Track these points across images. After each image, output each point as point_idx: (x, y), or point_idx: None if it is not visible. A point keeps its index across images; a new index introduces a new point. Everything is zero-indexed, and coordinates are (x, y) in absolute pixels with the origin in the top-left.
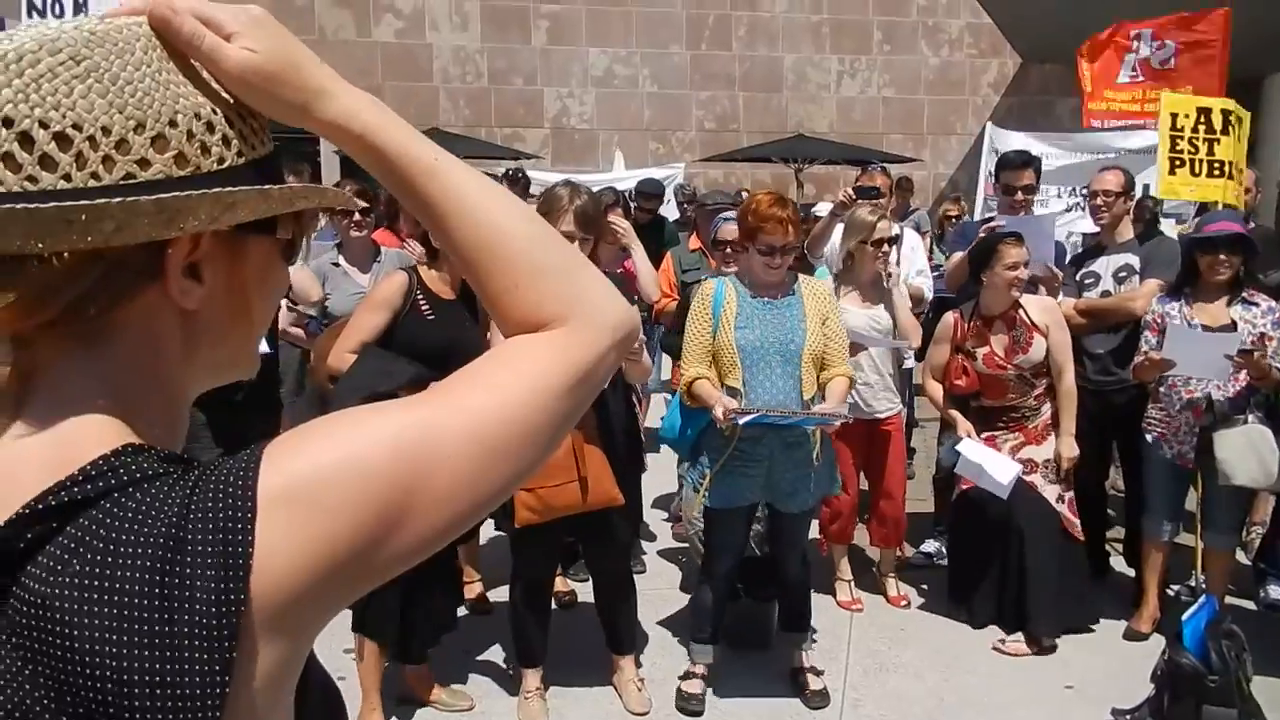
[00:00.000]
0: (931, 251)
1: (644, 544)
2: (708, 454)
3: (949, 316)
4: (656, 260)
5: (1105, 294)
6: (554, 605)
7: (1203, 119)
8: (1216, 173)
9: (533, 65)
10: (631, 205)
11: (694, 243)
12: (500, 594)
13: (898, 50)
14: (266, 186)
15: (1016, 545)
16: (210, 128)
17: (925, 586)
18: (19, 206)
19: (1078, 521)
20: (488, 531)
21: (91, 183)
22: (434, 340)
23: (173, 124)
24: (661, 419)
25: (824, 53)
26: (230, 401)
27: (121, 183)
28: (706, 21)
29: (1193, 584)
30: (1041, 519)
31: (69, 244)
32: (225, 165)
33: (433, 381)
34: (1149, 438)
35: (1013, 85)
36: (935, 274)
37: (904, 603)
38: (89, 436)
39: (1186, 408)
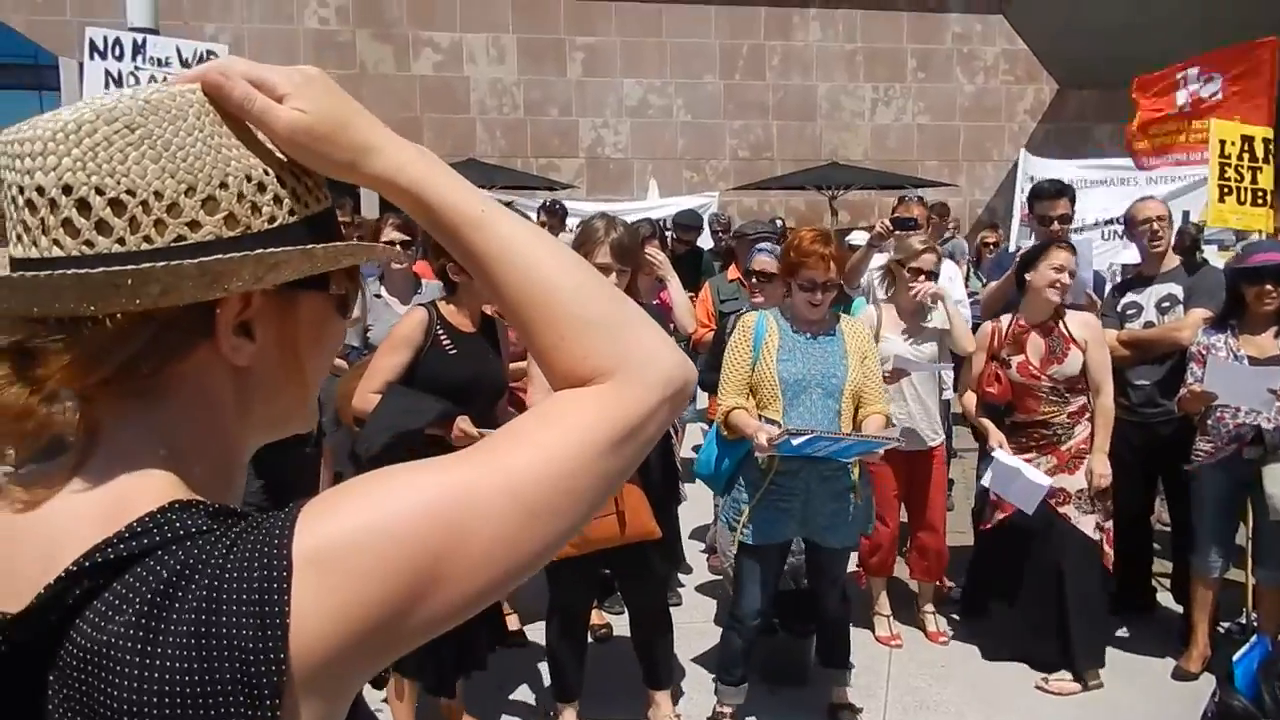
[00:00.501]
0: (968, 279)
1: (680, 576)
2: (745, 487)
3: (987, 325)
4: (694, 291)
5: (1148, 324)
6: (590, 639)
7: (1247, 147)
8: (1260, 201)
9: (568, 96)
10: (668, 236)
11: (732, 273)
12: (535, 628)
13: (932, 78)
14: (310, 246)
15: (1053, 580)
16: (261, 188)
17: (965, 622)
18: (70, 272)
19: (1111, 553)
20: None
21: (144, 245)
22: (457, 375)
23: (223, 186)
24: (695, 449)
25: (858, 81)
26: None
27: (172, 244)
28: (740, 52)
29: (1244, 621)
30: (1080, 551)
31: (119, 306)
32: (276, 224)
33: (460, 416)
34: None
35: (1050, 111)
36: (972, 300)
37: (943, 639)
38: (140, 491)
39: (1234, 440)
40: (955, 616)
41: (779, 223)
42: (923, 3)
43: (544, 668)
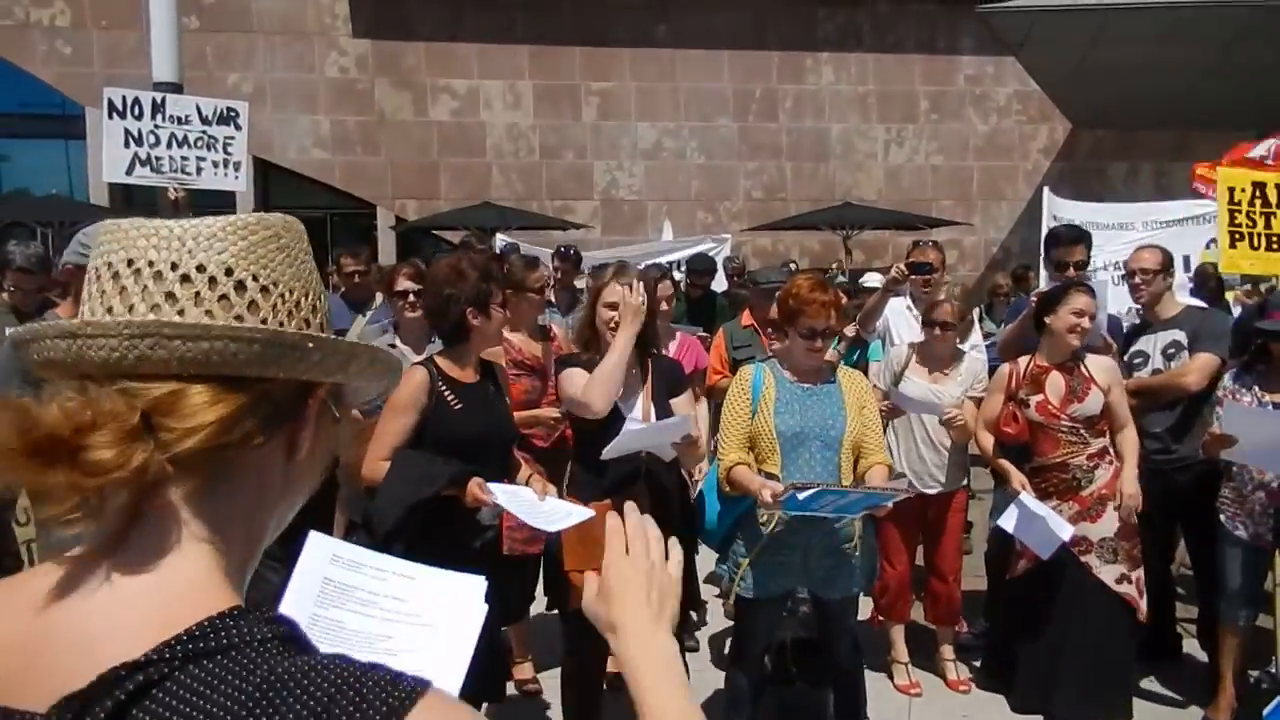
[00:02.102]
0: (982, 320)
1: (697, 622)
2: (743, 542)
3: (1004, 367)
4: (708, 334)
5: (1156, 372)
6: (604, 687)
7: (1258, 193)
8: (1275, 246)
9: (583, 140)
10: (681, 281)
11: (746, 318)
12: (549, 676)
13: (945, 118)
14: (388, 354)
15: (1076, 630)
16: (329, 312)
17: (988, 670)
18: (268, 329)
19: (1144, 603)
20: (538, 610)
21: (279, 329)
22: (466, 430)
23: (320, 300)
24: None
25: (870, 122)
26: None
27: (295, 332)
28: (753, 95)
29: (1273, 670)
30: (1102, 601)
31: (284, 369)
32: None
33: (473, 477)
34: (1223, 518)
35: (1063, 150)
36: (987, 343)
37: (964, 687)
38: (187, 580)
39: (1259, 488)
40: (976, 663)
41: (793, 266)
42: (934, 45)
43: (558, 716)
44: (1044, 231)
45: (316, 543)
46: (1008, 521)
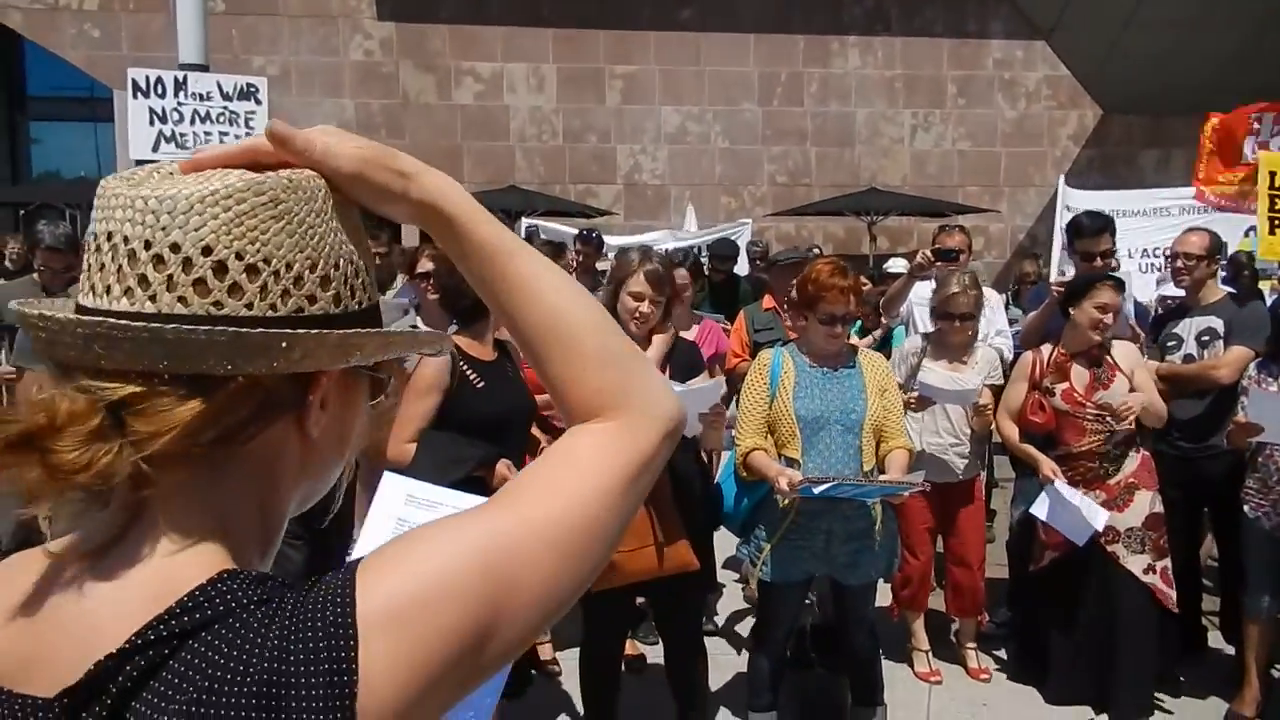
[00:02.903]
0: (1008, 307)
1: (715, 605)
2: (764, 527)
3: (1027, 355)
4: (731, 320)
5: (1188, 357)
6: (623, 668)
7: None
8: None
9: (606, 124)
10: (704, 264)
11: (768, 301)
12: (570, 654)
13: (973, 103)
14: (415, 330)
15: (1101, 621)
16: (356, 272)
17: (1007, 657)
18: (230, 330)
19: (1172, 593)
20: None
21: (269, 312)
22: (490, 409)
23: (336, 266)
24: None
25: (897, 107)
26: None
27: (293, 314)
28: (778, 79)
29: None
30: (1129, 592)
31: (258, 367)
32: (363, 306)
33: (500, 458)
34: (1246, 508)
35: (1093, 137)
36: (1013, 329)
37: (985, 676)
38: (189, 565)
39: None
40: (998, 653)
41: (816, 252)
42: (963, 29)
43: (578, 696)
44: (1057, 222)
45: (391, 483)
46: (1040, 509)
